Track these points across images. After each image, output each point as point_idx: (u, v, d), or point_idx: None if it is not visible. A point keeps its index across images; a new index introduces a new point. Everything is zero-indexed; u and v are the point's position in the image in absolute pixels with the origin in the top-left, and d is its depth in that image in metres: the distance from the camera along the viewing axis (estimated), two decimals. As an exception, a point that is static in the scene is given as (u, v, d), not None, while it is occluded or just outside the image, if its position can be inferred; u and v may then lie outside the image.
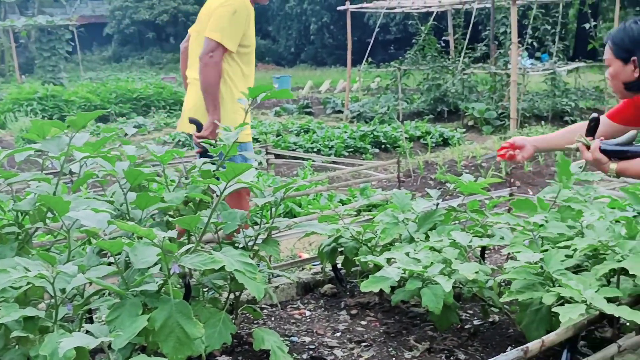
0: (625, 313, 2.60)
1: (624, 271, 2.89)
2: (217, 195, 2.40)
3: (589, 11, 14.83)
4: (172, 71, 31.53)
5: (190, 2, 40.96)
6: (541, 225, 3.25)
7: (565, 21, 17.41)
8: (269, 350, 2.82)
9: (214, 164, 2.98)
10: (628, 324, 3.13)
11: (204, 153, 3.72)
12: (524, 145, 3.12)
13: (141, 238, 2.42)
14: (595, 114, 2.86)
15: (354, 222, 4.00)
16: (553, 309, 2.67)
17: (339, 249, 3.82)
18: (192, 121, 3.92)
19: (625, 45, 2.75)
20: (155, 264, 2.35)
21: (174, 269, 2.31)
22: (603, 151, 2.72)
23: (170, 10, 40.28)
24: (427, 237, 3.54)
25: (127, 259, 2.47)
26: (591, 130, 2.81)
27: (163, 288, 2.42)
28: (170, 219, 3.03)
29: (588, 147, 2.75)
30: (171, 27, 42.22)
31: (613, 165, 2.70)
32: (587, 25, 14.56)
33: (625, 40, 2.75)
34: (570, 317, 2.54)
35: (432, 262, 3.09)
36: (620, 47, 2.77)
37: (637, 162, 2.67)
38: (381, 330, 3.36)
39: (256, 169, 3.45)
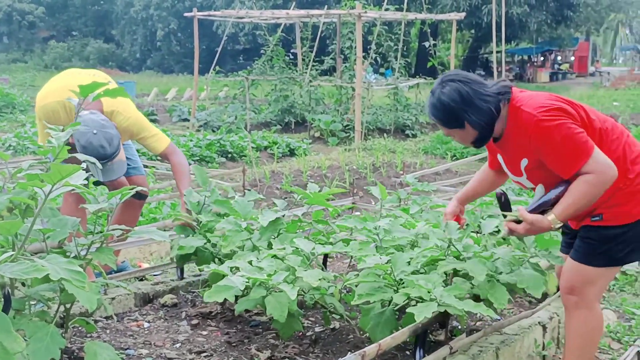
0: (470, 306, 2.74)
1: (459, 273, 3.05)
2: (41, 199, 2.23)
3: (429, 31, 15.60)
4: (5, 72, 29.64)
5: (26, 1, 38.80)
6: (386, 230, 3.34)
7: (408, 39, 18.18)
8: (102, 364, 2.66)
9: None
10: (459, 327, 3.28)
11: None
12: (454, 207, 3.20)
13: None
14: (498, 190, 2.91)
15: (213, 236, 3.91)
16: (408, 310, 2.73)
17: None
18: None
19: (450, 116, 2.78)
20: (-29, 274, 2.14)
21: (-9, 278, 2.11)
22: (531, 212, 2.74)
23: (4, 8, 37.94)
24: (270, 245, 3.51)
25: (-62, 269, 2.23)
26: (506, 205, 2.85)
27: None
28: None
29: (516, 222, 2.75)
30: (4, 25, 39.79)
31: (550, 216, 2.69)
32: (427, 44, 15.31)
33: (446, 113, 2.78)
34: (425, 315, 2.63)
35: (276, 271, 3.07)
36: (447, 120, 2.81)
37: (564, 201, 2.68)
38: (222, 340, 3.29)
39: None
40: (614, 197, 2.72)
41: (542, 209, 2.73)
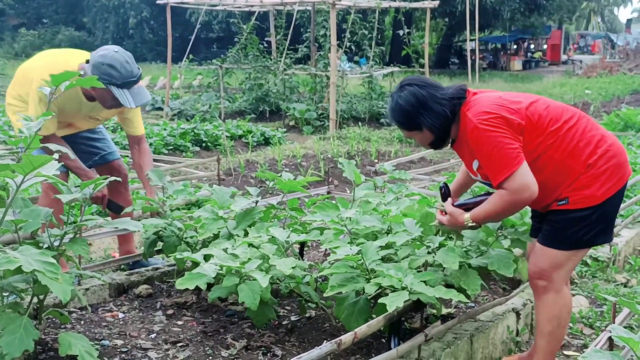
0: (441, 292, 2.76)
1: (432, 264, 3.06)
2: (13, 190, 2.19)
3: (403, 19, 15.60)
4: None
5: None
6: (355, 220, 3.33)
7: (382, 27, 18.19)
8: (77, 355, 2.64)
9: None
10: (435, 314, 3.30)
11: None
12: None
13: None
14: (442, 182, 3.12)
15: (177, 219, 3.90)
16: (380, 300, 2.74)
17: (159, 243, 3.77)
18: None
19: (407, 120, 2.93)
20: (-58, 266, 2.11)
21: (-38, 271, 2.08)
22: (457, 207, 2.98)
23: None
24: (246, 234, 3.51)
25: None
26: (444, 197, 3.05)
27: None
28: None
29: (443, 212, 3.00)
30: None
31: (466, 215, 2.90)
32: (401, 32, 15.32)
33: (404, 118, 2.93)
34: (397, 305, 2.63)
35: (249, 258, 3.06)
36: (406, 124, 2.95)
37: (482, 206, 2.87)
38: (198, 330, 3.28)
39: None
40: (578, 180, 2.80)
41: (467, 207, 2.94)
